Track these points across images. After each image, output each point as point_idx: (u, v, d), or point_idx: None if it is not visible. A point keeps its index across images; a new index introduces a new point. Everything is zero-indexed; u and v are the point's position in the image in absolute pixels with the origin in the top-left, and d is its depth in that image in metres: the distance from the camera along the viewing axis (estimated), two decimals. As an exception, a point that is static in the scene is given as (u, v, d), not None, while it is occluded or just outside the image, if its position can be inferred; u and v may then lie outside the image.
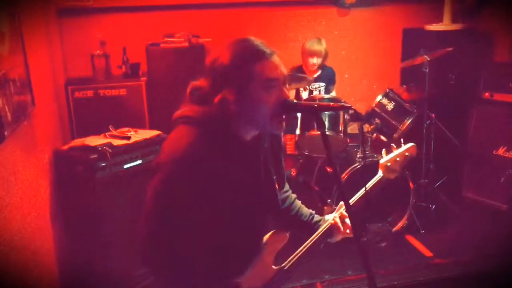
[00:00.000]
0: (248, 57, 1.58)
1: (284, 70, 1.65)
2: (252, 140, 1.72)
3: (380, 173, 2.10)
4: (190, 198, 1.57)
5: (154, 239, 1.61)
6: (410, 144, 2.20)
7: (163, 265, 1.63)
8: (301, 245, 1.92)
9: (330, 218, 1.97)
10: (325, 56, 4.34)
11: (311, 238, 1.92)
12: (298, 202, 2.07)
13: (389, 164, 2.10)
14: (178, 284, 1.65)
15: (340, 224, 1.94)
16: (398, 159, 2.12)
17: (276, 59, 1.62)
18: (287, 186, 2.06)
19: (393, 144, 2.19)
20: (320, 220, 2.01)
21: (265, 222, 1.91)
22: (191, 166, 1.55)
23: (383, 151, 2.17)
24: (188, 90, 1.70)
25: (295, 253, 1.90)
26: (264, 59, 1.59)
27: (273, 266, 1.84)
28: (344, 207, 1.96)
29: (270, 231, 1.91)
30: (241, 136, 1.68)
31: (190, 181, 1.56)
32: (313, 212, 2.06)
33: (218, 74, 1.61)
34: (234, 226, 1.71)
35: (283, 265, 1.87)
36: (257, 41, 1.63)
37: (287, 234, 1.85)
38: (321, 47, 4.29)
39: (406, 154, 2.16)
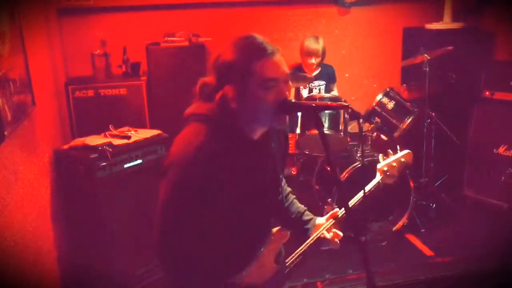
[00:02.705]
0: (249, 54, 1.58)
1: (286, 68, 1.64)
2: (260, 139, 1.72)
3: (378, 177, 2.11)
4: (202, 196, 1.58)
5: (169, 238, 1.61)
6: (406, 151, 2.22)
7: (177, 263, 1.64)
8: (303, 243, 1.92)
9: (321, 221, 1.97)
10: (323, 55, 4.34)
11: (305, 244, 1.91)
12: (291, 197, 2.06)
13: (386, 169, 2.12)
14: (190, 282, 1.66)
15: (328, 236, 1.93)
16: (394, 164, 2.15)
17: (278, 57, 1.62)
18: (283, 180, 2.07)
19: (389, 150, 2.20)
20: (310, 220, 1.99)
21: (270, 219, 1.92)
22: (202, 166, 1.56)
23: (380, 156, 2.19)
24: (197, 87, 1.71)
25: (295, 252, 1.90)
26: (264, 58, 1.58)
27: (274, 264, 1.84)
28: (333, 213, 1.97)
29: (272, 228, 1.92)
30: (248, 134, 1.68)
31: (202, 181, 1.57)
32: (303, 210, 2.03)
33: (221, 70, 1.62)
34: (242, 224, 1.72)
35: (284, 263, 1.87)
36: (260, 39, 1.63)
37: (288, 232, 1.85)
38: (318, 46, 4.29)
39: (402, 160, 2.18)
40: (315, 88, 4.44)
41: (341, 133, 3.78)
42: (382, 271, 3.46)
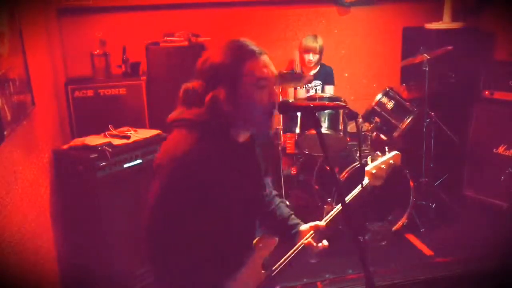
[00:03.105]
0: (239, 55, 1.59)
1: (274, 70, 1.65)
2: (245, 143, 1.73)
3: (366, 180, 2.11)
4: (190, 202, 1.58)
5: (157, 244, 1.61)
6: (394, 152, 2.24)
7: (166, 267, 1.64)
8: (289, 250, 1.90)
9: (304, 228, 1.95)
10: (320, 52, 4.35)
11: (290, 252, 1.89)
12: (277, 201, 2.04)
13: (374, 171, 2.13)
14: (181, 285, 1.66)
15: (314, 244, 1.90)
16: (383, 166, 2.16)
17: (266, 58, 1.63)
18: (269, 184, 2.06)
19: (378, 152, 2.23)
20: (295, 225, 1.97)
21: (256, 222, 1.92)
22: (189, 172, 1.56)
23: (369, 158, 2.21)
24: (181, 92, 1.71)
25: (283, 259, 1.88)
26: (254, 58, 1.60)
27: (262, 271, 1.83)
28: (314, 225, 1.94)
29: (258, 233, 1.91)
30: (234, 138, 1.69)
31: (190, 187, 1.56)
32: (288, 215, 2.01)
33: (209, 74, 1.62)
34: (230, 227, 1.71)
35: (271, 270, 1.86)
36: (247, 41, 1.64)
37: (276, 239, 1.85)
38: (316, 43, 4.31)
39: (391, 161, 2.19)
40: (312, 89, 4.44)
41: (341, 133, 3.79)
42: (381, 271, 3.46)
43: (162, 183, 1.58)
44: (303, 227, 1.96)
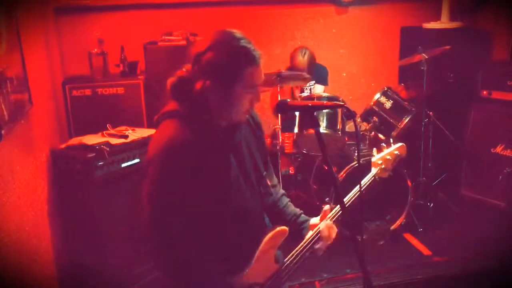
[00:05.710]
0: (241, 60, 1.63)
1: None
2: (228, 128, 1.75)
3: (373, 171, 2.11)
4: (184, 185, 1.61)
5: (160, 236, 1.63)
6: (399, 144, 2.24)
7: (172, 261, 1.65)
8: (299, 243, 1.92)
9: (315, 221, 1.96)
10: (310, 64, 4.29)
11: (302, 244, 1.90)
12: (285, 200, 2.06)
13: (380, 162, 2.12)
14: (187, 280, 1.67)
15: (325, 233, 1.91)
16: (389, 157, 2.16)
17: (261, 64, 1.68)
18: (275, 180, 2.07)
19: (383, 144, 2.22)
20: (305, 221, 1.99)
21: (262, 215, 1.92)
22: (177, 153, 1.61)
23: (374, 150, 2.20)
24: (168, 88, 1.76)
25: (294, 250, 1.90)
26: (255, 65, 1.64)
27: (274, 263, 1.84)
28: (328, 213, 1.96)
29: (269, 225, 1.91)
30: (216, 123, 1.72)
31: (180, 168, 1.61)
32: (298, 212, 2.04)
33: (207, 66, 1.64)
34: (232, 217, 1.74)
35: (283, 262, 1.87)
36: (249, 43, 1.66)
37: (287, 229, 1.85)
38: (302, 58, 4.25)
39: (396, 153, 2.19)
40: (306, 89, 4.44)
41: (339, 132, 3.79)
42: (379, 270, 3.46)
43: (153, 174, 1.62)
44: (313, 220, 1.98)
